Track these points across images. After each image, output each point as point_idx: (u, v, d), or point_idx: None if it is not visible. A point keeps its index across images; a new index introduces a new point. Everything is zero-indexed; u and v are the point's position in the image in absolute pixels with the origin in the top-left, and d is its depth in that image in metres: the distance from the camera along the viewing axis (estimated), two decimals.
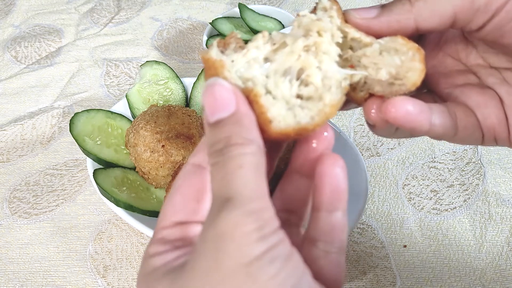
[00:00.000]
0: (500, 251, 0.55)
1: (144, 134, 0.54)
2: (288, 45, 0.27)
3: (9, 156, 0.66)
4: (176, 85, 0.64)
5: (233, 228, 0.21)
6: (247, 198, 0.22)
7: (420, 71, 0.27)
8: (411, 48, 0.27)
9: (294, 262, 0.22)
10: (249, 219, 0.21)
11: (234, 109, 0.24)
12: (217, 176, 0.23)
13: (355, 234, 0.57)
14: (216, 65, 0.25)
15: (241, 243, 0.21)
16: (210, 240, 0.22)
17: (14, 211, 0.60)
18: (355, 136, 0.67)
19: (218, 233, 0.21)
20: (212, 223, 0.22)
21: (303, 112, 0.26)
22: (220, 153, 0.23)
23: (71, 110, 0.72)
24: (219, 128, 0.24)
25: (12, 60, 0.81)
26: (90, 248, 0.57)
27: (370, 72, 0.29)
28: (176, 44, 0.84)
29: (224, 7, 0.91)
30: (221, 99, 0.24)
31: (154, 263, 0.25)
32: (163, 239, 0.26)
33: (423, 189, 0.61)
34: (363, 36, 0.28)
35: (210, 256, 0.21)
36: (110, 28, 0.87)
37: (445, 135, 0.30)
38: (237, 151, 0.23)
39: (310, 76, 0.27)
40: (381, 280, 0.53)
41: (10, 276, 0.55)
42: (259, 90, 0.25)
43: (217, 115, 0.24)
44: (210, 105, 0.24)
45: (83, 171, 0.64)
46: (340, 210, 0.26)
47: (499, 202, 0.59)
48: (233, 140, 0.23)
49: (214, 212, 0.22)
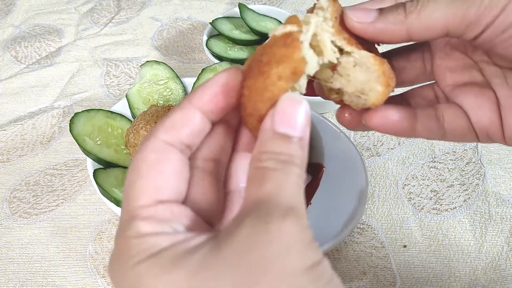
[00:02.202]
0: (500, 251, 0.55)
1: (144, 134, 0.54)
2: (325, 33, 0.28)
3: (9, 156, 0.66)
4: (176, 85, 0.64)
5: (298, 235, 0.22)
6: (304, 214, 0.23)
7: (380, 94, 0.29)
8: (377, 70, 0.28)
9: (337, 278, 0.24)
10: (308, 232, 0.23)
11: (304, 134, 0.25)
12: (275, 180, 0.24)
13: (355, 234, 0.57)
14: (298, 59, 0.24)
15: (303, 250, 0.22)
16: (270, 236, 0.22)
17: (14, 211, 0.60)
18: (355, 136, 0.67)
19: (282, 234, 0.22)
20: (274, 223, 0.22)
21: None
22: (284, 164, 0.24)
23: (71, 110, 0.72)
24: (287, 142, 0.25)
25: (12, 60, 0.81)
26: (90, 248, 0.57)
27: (342, 82, 0.30)
28: (176, 44, 0.84)
29: (224, 7, 0.91)
30: (300, 120, 0.25)
31: (158, 243, 0.22)
32: (155, 218, 0.24)
33: (423, 189, 0.61)
34: (344, 45, 0.29)
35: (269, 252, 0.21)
36: (110, 28, 0.87)
37: (432, 136, 0.32)
38: (298, 171, 0.24)
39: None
40: (381, 280, 0.53)
41: (10, 276, 0.55)
42: None
43: (288, 130, 0.25)
44: (287, 118, 0.25)
45: (83, 171, 0.64)
46: None
47: (499, 202, 0.59)
48: (297, 160, 0.24)
49: (276, 213, 0.22)
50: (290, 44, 0.24)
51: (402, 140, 0.66)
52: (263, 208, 0.23)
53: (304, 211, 0.23)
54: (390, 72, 0.30)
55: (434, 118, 0.32)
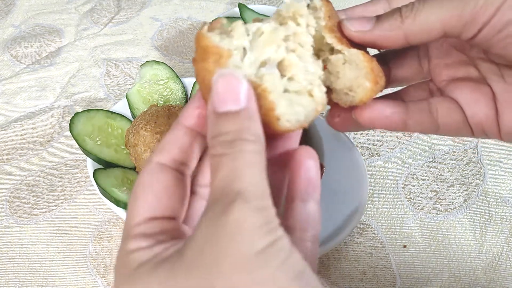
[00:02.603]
0: (500, 251, 0.55)
1: (144, 134, 0.54)
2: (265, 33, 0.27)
3: (9, 156, 0.66)
4: (176, 85, 0.64)
5: (245, 220, 0.22)
6: (257, 195, 0.22)
7: (368, 90, 0.29)
8: (366, 67, 0.29)
9: (297, 254, 0.23)
10: (258, 214, 0.22)
11: (246, 105, 0.24)
12: (224, 167, 0.23)
13: (355, 234, 0.57)
14: (223, 54, 0.25)
15: (253, 234, 0.22)
16: (220, 228, 0.22)
17: (14, 211, 0.60)
18: (355, 136, 0.67)
19: (229, 222, 0.22)
20: (222, 213, 0.22)
21: (300, 109, 0.27)
22: (230, 146, 0.23)
23: (71, 110, 0.72)
24: (229, 119, 0.24)
25: (12, 60, 0.81)
26: (90, 248, 0.57)
27: (331, 79, 0.30)
28: (176, 44, 0.84)
29: (224, 7, 0.91)
30: (235, 91, 0.24)
31: (139, 257, 0.25)
32: (143, 234, 0.26)
33: (423, 189, 0.61)
34: (335, 43, 0.29)
35: (221, 242, 0.22)
36: (110, 28, 0.87)
37: (425, 130, 0.32)
38: (248, 147, 0.23)
39: (295, 74, 0.27)
40: (381, 280, 0.53)
41: (10, 276, 0.55)
42: (268, 86, 0.25)
43: (228, 106, 0.24)
44: (222, 95, 0.24)
45: (83, 171, 0.64)
46: (314, 200, 0.28)
47: (499, 202, 0.59)
48: (244, 135, 0.23)
49: (223, 203, 0.22)
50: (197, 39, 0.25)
51: (402, 140, 0.66)
52: (216, 201, 0.23)
53: (258, 191, 0.23)
54: (379, 71, 0.30)
55: (427, 112, 0.32)
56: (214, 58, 0.25)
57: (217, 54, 0.25)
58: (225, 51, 0.25)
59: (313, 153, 0.28)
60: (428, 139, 0.66)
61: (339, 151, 0.57)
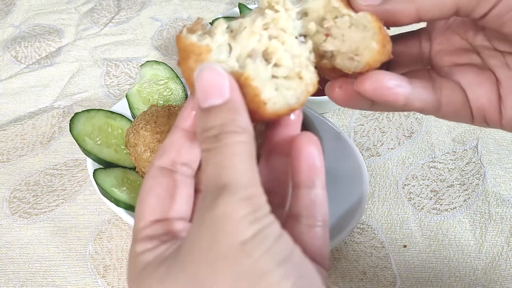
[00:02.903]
0: (500, 251, 0.55)
1: (144, 134, 0.54)
2: (246, 27, 0.27)
3: (9, 156, 0.66)
4: (176, 85, 0.64)
5: (231, 212, 0.22)
6: (243, 185, 0.23)
7: (375, 52, 0.28)
8: (374, 27, 0.28)
9: (284, 240, 0.23)
10: (244, 204, 0.22)
11: (229, 96, 0.24)
12: (211, 162, 0.24)
13: (355, 234, 0.57)
14: (201, 50, 0.25)
15: (238, 225, 0.22)
16: (208, 221, 0.23)
17: (14, 211, 0.60)
18: (355, 136, 0.67)
19: (215, 215, 0.22)
20: (210, 206, 0.23)
21: (289, 92, 0.27)
22: (215, 140, 0.24)
23: (71, 110, 0.72)
24: (213, 114, 0.24)
25: (12, 60, 0.81)
26: (90, 248, 0.57)
27: (336, 44, 0.29)
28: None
29: (224, 7, 0.91)
30: (216, 85, 0.24)
31: (145, 259, 0.26)
32: (148, 236, 0.27)
33: (423, 189, 0.61)
34: (341, 6, 0.29)
35: (208, 236, 0.22)
36: (110, 28, 0.87)
37: (426, 109, 0.31)
38: (233, 139, 0.23)
39: (280, 59, 0.27)
40: (381, 280, 0.53)
41: (10, 276, 0.55)
42: (251, 74, 0.25)
43: (211, 101, 0.24)
44: (204, 90, 0.24)
45: (83, 171, 0.64)
46: (319, 185, 0.28)
47: (499, 202, 0.59)
48: (228, 127, 0.24)
49: (211, 196, 0.23)
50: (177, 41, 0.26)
51: (402, 140, 0.66)
52: (205, 197, 0.23)
53: (244, 180, 0.23)
54: (387, 35, 0.29)
55: (431, 89, 0.31)
56: (194, 56, 0.25)
57: (196, 52, 0.25)
58: (203, 47, 0.25)
59: (314, 139, 0.28)
60: (428, 139, 0.66)
61: (339, 151, 0.57)
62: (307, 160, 0.28)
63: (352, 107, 0.33)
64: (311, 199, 0.28)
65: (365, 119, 0.69)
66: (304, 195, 0.28)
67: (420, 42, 0.35)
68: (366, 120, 0.69)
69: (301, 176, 0.28)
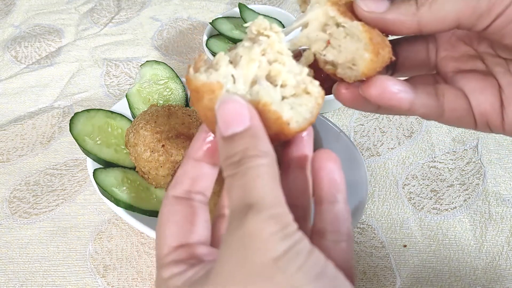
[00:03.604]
0: (500, 251, 0.55)
1: (144, 134, 0.54)
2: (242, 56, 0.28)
3: (9, 156, 0.66)
4: (176, 85, 0.64)
5: (260, 230, 0.22)
6: (268, 204, 0.23)
7: (368, 61, 0.29)
8: (365, 38, 0.28)
9: (316, 255, 0.23)
10: (272, 222, 0.23)
11: (249, 123, 0.25)
12: (236, 185, 0.24)
13: (355, 234, 0.57)
14: (214, 88, 0.26)
15: (268, 242, 0.22)
16: (237, 241, 0.23)
17: (14, 211, 0.60)
18: (355, 136, 0.67)
19: (245, 234, 0.23)
20: (238, 226, 0.23)
21: (303, 108, 0.28)
22: (238, 165, 0.24)
23: (71, 110, 0.72)
24: (235, 141, 0.25)
25: (12, 60, 0.81)
26: (90, 248, 0.57)
27: (334, 54, 0.30)
28: (176, 44, 0.84)
29: (224, 7, 0.91)
30: (236, 114, 0.25)
31: (173, 283, 0.26)
32: (174, 261, 0.27)
33: (423, 189, 0.61)
34: (337, 15, 0.29)
35: (239, 254, 0.23)
36: (110, 28, 0.87)
37: (430, 115, 0.32)
38: (255, 162, 0.24)
39: (285, 80, 0.28)
40: (381, 280, 0.53)
41: (10, 276, 0.55)
42: (267, 100, 0.26)
43: (232, 129, 0.25)
44: (226, 120, 0.25)
45: (83, 171, 0.64)
46: (341, 200, 0.28)
47: (499, 202, 0.59)
48: (250, 152, 0.24)
49: (238, 217, 0.23)
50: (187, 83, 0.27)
51: (402, 140, 0.66)
52: (233, 219, 0.24)
53: (269, 200, 0.23)
54: (381, 41, 0.29)
55: (434, 95, 0.32)
56: (208, 94, 0.26)
57: (209, 90, 0.26)
58: (216, 84, 0.26)
59: (333, 156, 0.29)
60: (428, 139, 0.66)
61: (339, 151, 0.57)
62: (328, 176, 0.28)
63: (358, 109, 0.34)
64: (335, 214, 0.28)
65: (365, 119, 0.69)
66: (328, 211, 0.28)
67: (427, 47, 0.35)
68: (366, 120, 0.69)
69: (323, 192, 0.29)
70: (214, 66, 0.27)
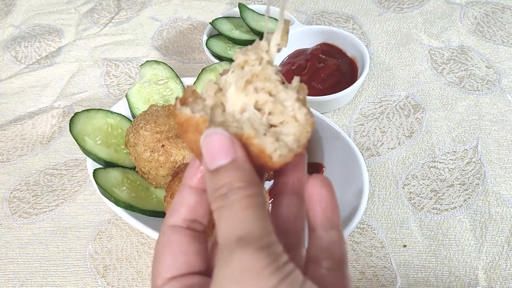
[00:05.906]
0: (500, 250, 0.55)
1: (144, 134, 0.54)
2: (232, 83, 0.28)
3: (9, 156, 0.66)
4: (176, 85, 0.64)
5: (250, 263, 0.22)
6: (257, 236, 0.23)
7: None
8: None
9: (308, 286, 0.23)
10: (262, 254, 0.23)
11: (233, 155, 0.25)
12: (224, 218, 0.24)
13: (355, 234, 0.57)
14: (198, 122, 0.26)
15: (260, 276, 0.22)
16: (228, 276, 0.23)
17: (14, 211, 0.60)
18: (355, 136, 0.67)
19: (235, 269, 0.23)
20: (228, 260, 0.23)
21: (289, 138, 0.28)
22: (225, 197, 0.25)
23: (71, 110, 0.72)
24: (220, 174, 0.25)
25: (12, 60, 0.81)
26: (90, 248, 0.57)
27: None
28: (176, 44, 0.84)
29: (224, 7, 0.91)
30: (220, 147, 0.25)
31: None
32: None
33: (423, 189, 0.61)
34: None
35: None
36: (110, 28, 0.87)
37: None
38: (241, 194, 0.24)
39: (272, 109, 0.28)
40: (381, 280, 0.53)
41: (10, 276, 0.55)
42: (250, 133, 0.26)
43: (217, 162, 0.25)
44: (210, 154, 0.26)
45: (83, 171, 0.64)
46: (335, 226, 0.28)
47: (499, 202, 0.59)
48: (236, 184, 0.25)
49: (228, 250, 0.23)
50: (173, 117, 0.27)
51: (402, 140, 0.66)
52: (223, 253, 0.24)
53: (257, 231, 0.23)
54: None
55: None
56: (192, 128, 0.27)
57: (193, 124, 0.27)
58: (199, 118, 0.26)
59: (326, 181, 0.29)
60: (428, 139, 0.66)
61: (339, 151, 0.57)
62: (321, 203, 0.28)
63: None
64: (329, 241, 0.28)
65: (365, 119, 0.69)
66: (321, 238, 0.28)
67: None
68: (366, 120, 0.68)
69: (317, 219, 0.28)
70: (202, 96, 0.28)
